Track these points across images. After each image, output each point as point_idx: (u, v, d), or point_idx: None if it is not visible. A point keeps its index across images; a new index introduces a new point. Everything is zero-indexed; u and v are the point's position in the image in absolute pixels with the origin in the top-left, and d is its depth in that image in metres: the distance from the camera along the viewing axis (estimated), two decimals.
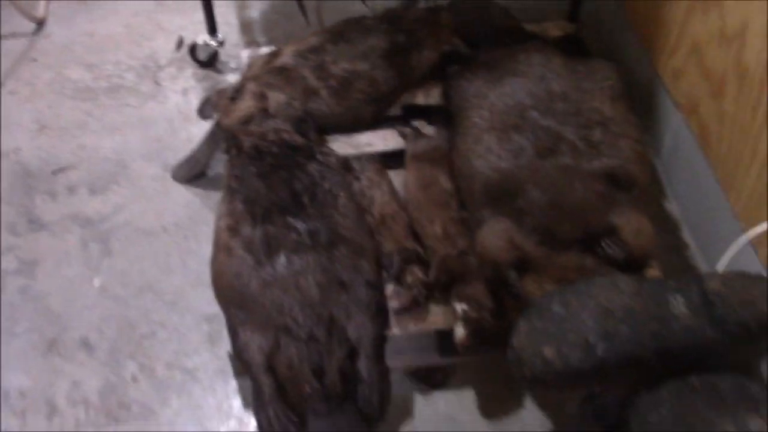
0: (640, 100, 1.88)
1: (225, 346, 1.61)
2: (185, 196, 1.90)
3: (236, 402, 1.56)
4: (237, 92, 1.76)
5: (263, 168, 1.57)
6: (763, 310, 0.99)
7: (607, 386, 1.03)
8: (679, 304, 1.00)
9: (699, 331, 0.99)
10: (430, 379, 1.59)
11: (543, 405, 1.54)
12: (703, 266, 1.66)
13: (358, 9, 2.13)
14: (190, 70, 2.18)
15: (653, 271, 1.43)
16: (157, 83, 2.16)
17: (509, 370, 1.08)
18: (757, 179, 1.44)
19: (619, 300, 1.02)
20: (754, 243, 1.45)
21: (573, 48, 1.84)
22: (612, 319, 1.00)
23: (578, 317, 1.01)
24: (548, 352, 1.00)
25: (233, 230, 1.48)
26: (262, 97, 1.74)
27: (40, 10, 2.33)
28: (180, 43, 2.25)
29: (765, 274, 1.28)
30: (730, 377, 0.96)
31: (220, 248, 1.49)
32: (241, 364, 1.41)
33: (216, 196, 1.84)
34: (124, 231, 1.83)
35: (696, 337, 0.99)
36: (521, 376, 1.04)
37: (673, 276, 1.08)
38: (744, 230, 1.42)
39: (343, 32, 1.87)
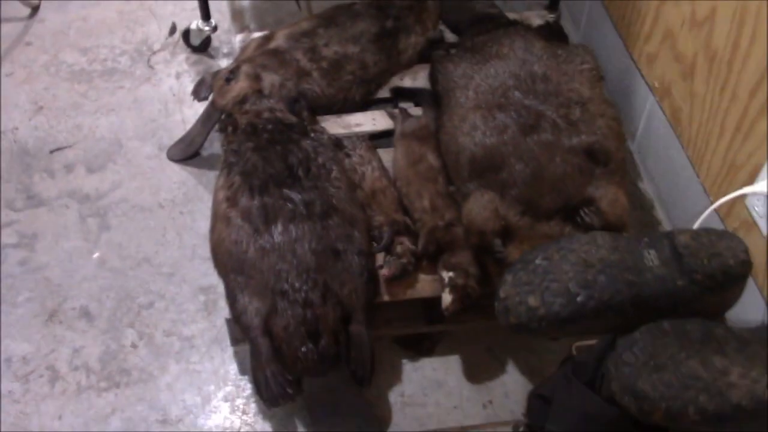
0: (617, 84, 1.97)
1: (221, 315, 1.69)
2: (180, 174, 1.96)
3: (232, 368, 1.63)
4: (232, 74, 1.83)
5: (259, 143, 1.64)
6: (728, 261, 1.08)
7: (586, 332, 1.12)
8: (652, 257, 1.10)
9: (670, 280, 1.08)
10: (418, 347, 1.68)
11: (524, 369, 1.63)
12: None
13: None
14: (183, 54, 2.25)
15: None
16: (150, 67, 2.22)
17: (496, 318, 1.16)
18: (724, 154, 1.54)
19: (597, 253, 1.11)
20: (720, 213, 1.55)
21: (553, 35, 1.92)
22: (591, 270, 1.09)
23: (560, 269, 1.10)
24: (532, 300, 1.08)
25: (231, 201, 1.54)
26: (256, 78, 1.81)
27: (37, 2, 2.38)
28: (173, 29, 2.31)
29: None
30: (698, 322, 1.05)
31: (219, 218, 1.55)
32: (239, 327, 1.48)
33: (210, 175, 1.92)
34: (121, 207, 1.89)
35: (667, 286, 1.08)
36: (507, 324, 1.12)
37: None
38: (712, 203, 1.52)
39: (334, 17, 1.95)
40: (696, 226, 1.48)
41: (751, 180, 1.44)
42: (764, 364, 1.00)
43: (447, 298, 1.49)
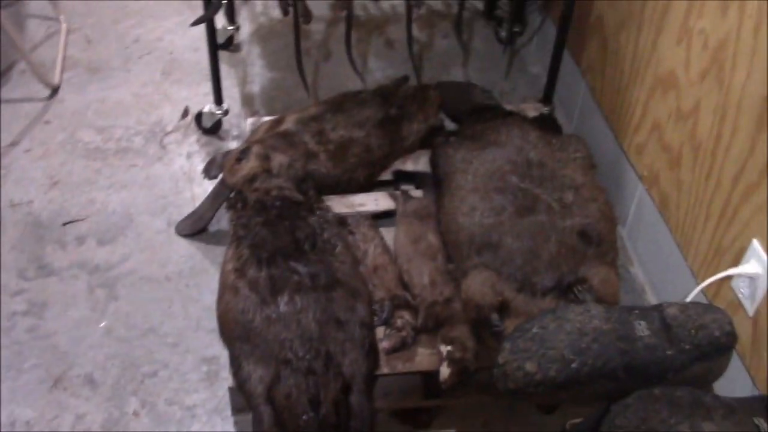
0: (608, 173, 2.07)
1: (223, 385, 1.72)
2: (188, 248, 2.03)
3: None
4: (243, 153, 1.92)
5: (268, 218, 1.71)
6: (714, 333, 1.14)
7: (581, 398, 1.16)
8: (642, 327, 1.16)
9: (660, 349, 1.14)
10: (416, 420, 1.70)
11: None
12: None
13: (351, 86, 2.34)
14: (195, 136, 2.35)
15: None
16: (163, 147, 2.32)
17: (493, 394, 1.20)
18: (710, 239, 1.62)
19: (590, 323, 1.17)
20: (708, 294, 1.62)
21: (547, 125, 2.04)
22: (585, 338, 1.14)
23: (556, 337, 1.16)
24: (530, 366, 1.14)
25: (240, 272, 1.61)
26: (266, 158, 1.91)
27: (55, 77, 2.50)
28: (186, 112, 2.42)
29: None
30: (688, 389, 1.10)
31: (226, 288, 1.61)
32: (242, 394, 1.52)
33: (217, 250, 1.99)
34: (129, 278, 1.95)
35: (657, 355, 1.13)
36: (506, 389, 1.17)
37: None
38: (699, 285, 1.59)
39: (341, 103, 2.07)
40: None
41: (736, 262, 1.52)
42: (749, 430, 1.05)
43: (445, 371, 1.53)
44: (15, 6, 2.82)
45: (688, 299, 1.59)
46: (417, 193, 1.98)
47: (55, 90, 2.48)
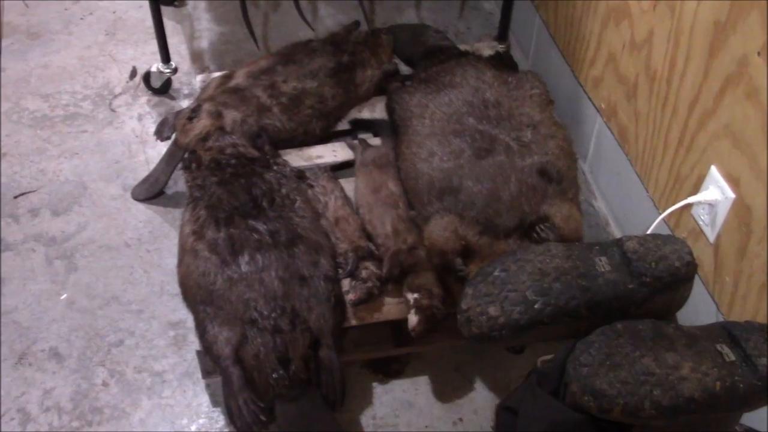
0: (566, 108, 2.05)
1: (191, 349, 1.71)
2: (145, 213, 1.99)
3: (205, 400, 1.64)
4: (194, 112, 1.87)
5: (223, 177, 1.68)
6: (674, 264, 1.14)
7: (546, 337, 1.16)
8: (603, 263, 1.15)
9: (621, 284, 1.14)
10: (387, 369, 1.71)
11: (492, 385, 1.67)
12: None
13: (302, 35, 2.28)
14: (145, 97, 2.28)
15: None
16: (112, 110, 2.25)
17: (462, 337, 1.20)
18: (669, 168, 1.61)
19: (551, 262, 1.16)
20: (669, 223, 1.62)
21: (503, 64, 2.01)
22: (546, 278, 1.14)
23: (517, 279, 1.15)
24: (493, 310, 1.13)
25: (198, 234, 1.58)
26: (218, 115, 1.86)
27: None
28: (134, 73, 2.35)
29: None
30: (650, 322, 1.10)
31: (186, 252, 1.58)
32: (210, 358, 1.50)
33: (175, 212, 1.95)
34: (87, 248, 1.91)
35: (619, 289, 1.13)
36: (470, 335, 1.17)
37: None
38: (661, 214, 1.59)
39: (291, 54, 2.01)
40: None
41: (695, 190, 1.52)
42: (713, 358, 1.06)
43: (413, 319, 1.53)
44: None
45: (650, 229, 1.60)
46: (375, 141, 1.95)
47: None
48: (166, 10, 2.15)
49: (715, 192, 1.44)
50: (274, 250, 1.54)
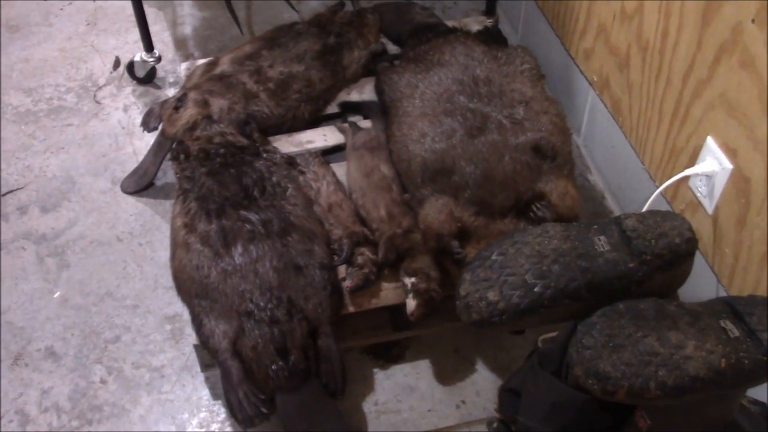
0: (558, 81, 2.02)
1: (189, 342, 1.69)
2: (136, 206, 1.96)
3: (205, 394, 1.63)
4: (180, 102, 1.84)
5: (213, 167, 1.65)
6: (674, 240, 1.12)
7: (547, 321, 1.15)
8: (602, 242, 1.13)
9: (621, 263, 1.12)
10: (388, 354, 1.69)
11: (494, 366, 1.65)
12: None
13: (287, 17, 2.24)
14: (129, 87, 2.25)
15: None
16: (97, 102, 2.21)
17: (461, 319, 1.18)
18: (665, 140, 1.59)
19: (549, 244, 1.14)
20: (667, 196, 1.60)
21: (492, 39, 1.97)
22: (545, 260, 1.12)
23: (516, 262, 1.13)
24: (492, 295, 1.11)
25: (190, 227, 1.55)
26: (204, 104, 1.82)
27: None
28: (117, 63, 2.31)
29: None
30: (652, 301, 1.08)
31: (178, 245, 1.56)
32: (207, 351, 1.49)
33: (166, 204, 1.92)
34: (79, 244, 1.88)
35: (619, 269, 1.11)
36: (470, 321, 1.15)
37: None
38: (658, 188, 1.57)
39: (276, 38, 1.97)
40: (644, 210, 1.53)
41: (692, 162, 1.50)
42: (717, 335, 1.04)
43: (411, 303, 1.51)
44: None
45: (647, 203, 1.58)
46: (365, 123, 1.92)
47: None
48: None
49: (713, 163, 1.42)
50: (267, 240, 1.52)
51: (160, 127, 1.88)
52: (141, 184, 1.97)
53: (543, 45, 2.08)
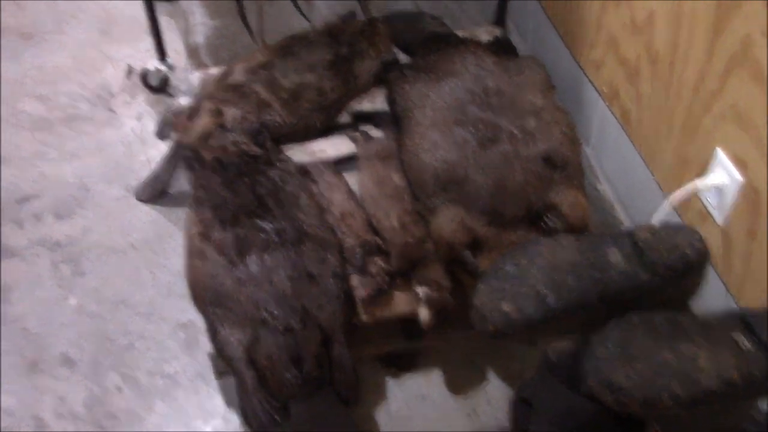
0: (568, 92, 2.04)
1: (202, 350, 1.71)
2: (150, 214, 1.98)
3: (219, 401, 1.65)
4: (193, 111, 1.86)
5: (227, 177, 1.67)
6: (686, 252, 1.14)
7: (560, 331, 1.16)
8: (615, 254, 1.15)
9: (634, 275, 1.13)
10: (400, 363, 1.71)
11: (506, 376, 1.67)
12: None
13: (298, 26, 2.26)
14: (143, 96, 2.27)
15: None
16: (111, 110, 2.24)
17: (474, 329, 1.20)
18: (674, 151, 1.60)
19: (562, 255, 1.16)
20: (676, 208, 1.61)
21: (502, 49, 1.99)
22: (558, 272, 1.14)
23: (529, 273, 1.15)
24: (506, 306, 1.13)
25: (204, 236, 1.57)
26: (218, 113, 1.84)
27: None
28: (130, 71, 2.33)
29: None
30: (665, 312, 1.10)
31: (193, 254, 1.57)
32: (222, 360, 1.50)
33: (179, 212, 1.94)
34: (93, 251, 1.90)
35: (632, 281, 1.13)
36: (484, 331, 1.17)
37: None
38: (667, 197, 1.58)
39: (289, 48, 1.99)
40: (653, 221, 1.55)
41: (701, 173, 1.51)
42: (729, 347, 1.06)
43: (424, 312, 1.53)
44: None
45: (657, 213, 1.59)
46: (377, 132, 1.93)
47: None
48: (159, 6, 2.12)
49: (722, 175, 1.44)
50: (282, 248, 1.53)
51: (173, 136, 1.90)
52: (155, 192, 1.99)
53: (553, 56, 2.09)
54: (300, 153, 1.90)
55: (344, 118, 2.02)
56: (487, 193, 1.54)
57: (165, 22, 2.43)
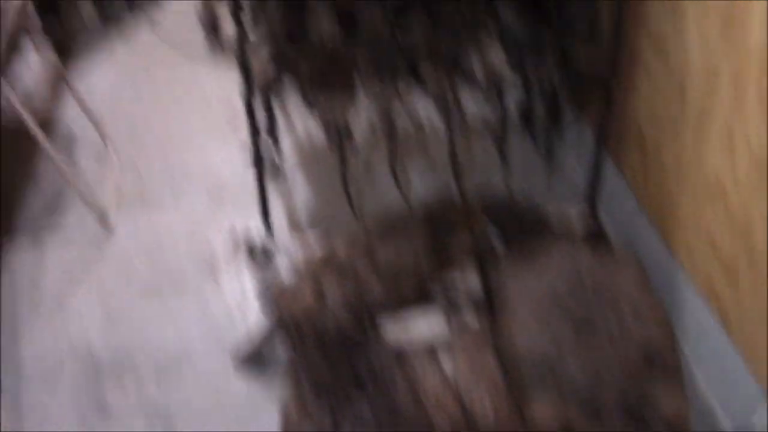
0: (663, 288, 2.02)
1: None
2: (246, 383, 2.03)
3: None
4: (295, 285, 1.94)
5: (326, 352, 1.73)
6: None
7: None
8: None
9: None
10: None
11: None
12: None
13: (393, 196, 2.33)
14: (246, 266, 2.37)
15: None
16: (215, 279, 2.35)
17: None
18: None
19: None
20: None
21: (597, 242, 2.03)
22: None
23: None
24: None
25: (301, 409, 1.61)
26: (319, 290, 1.92)
27: (110, 218, 2.56)
28: (236, 242, 2.46)
29: None
30: None
31: (290, 428, 1.61)
32: None
33: (275, 383, 1.98)
34: (189, 418, 1.95)
35: None
36: None
37: None
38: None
39: (389, 227, 2.09)
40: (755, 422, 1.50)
41: None
42: None
43: None
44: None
45: (756, 414, 1.55)
46: (469, 311, 1.96)
47: (109, 229, 2.54)
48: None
49: None
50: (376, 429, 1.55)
51: (275, 311, 1.98)
52: (253, 364, 2.05)
53: (647, 250, 2.11)
54: (395, 330, 1.94)
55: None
56: (584, 384, 1.55)
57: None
